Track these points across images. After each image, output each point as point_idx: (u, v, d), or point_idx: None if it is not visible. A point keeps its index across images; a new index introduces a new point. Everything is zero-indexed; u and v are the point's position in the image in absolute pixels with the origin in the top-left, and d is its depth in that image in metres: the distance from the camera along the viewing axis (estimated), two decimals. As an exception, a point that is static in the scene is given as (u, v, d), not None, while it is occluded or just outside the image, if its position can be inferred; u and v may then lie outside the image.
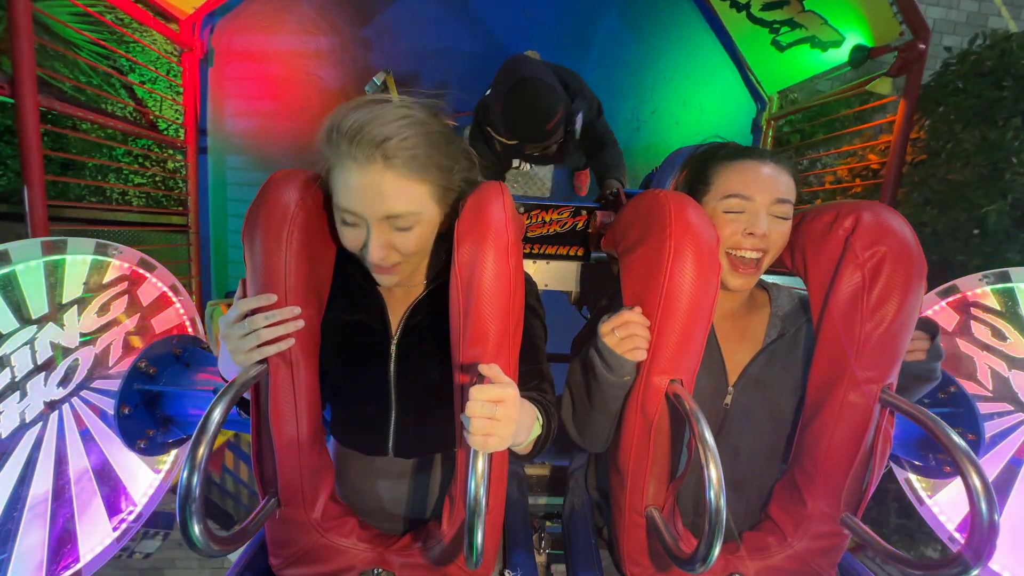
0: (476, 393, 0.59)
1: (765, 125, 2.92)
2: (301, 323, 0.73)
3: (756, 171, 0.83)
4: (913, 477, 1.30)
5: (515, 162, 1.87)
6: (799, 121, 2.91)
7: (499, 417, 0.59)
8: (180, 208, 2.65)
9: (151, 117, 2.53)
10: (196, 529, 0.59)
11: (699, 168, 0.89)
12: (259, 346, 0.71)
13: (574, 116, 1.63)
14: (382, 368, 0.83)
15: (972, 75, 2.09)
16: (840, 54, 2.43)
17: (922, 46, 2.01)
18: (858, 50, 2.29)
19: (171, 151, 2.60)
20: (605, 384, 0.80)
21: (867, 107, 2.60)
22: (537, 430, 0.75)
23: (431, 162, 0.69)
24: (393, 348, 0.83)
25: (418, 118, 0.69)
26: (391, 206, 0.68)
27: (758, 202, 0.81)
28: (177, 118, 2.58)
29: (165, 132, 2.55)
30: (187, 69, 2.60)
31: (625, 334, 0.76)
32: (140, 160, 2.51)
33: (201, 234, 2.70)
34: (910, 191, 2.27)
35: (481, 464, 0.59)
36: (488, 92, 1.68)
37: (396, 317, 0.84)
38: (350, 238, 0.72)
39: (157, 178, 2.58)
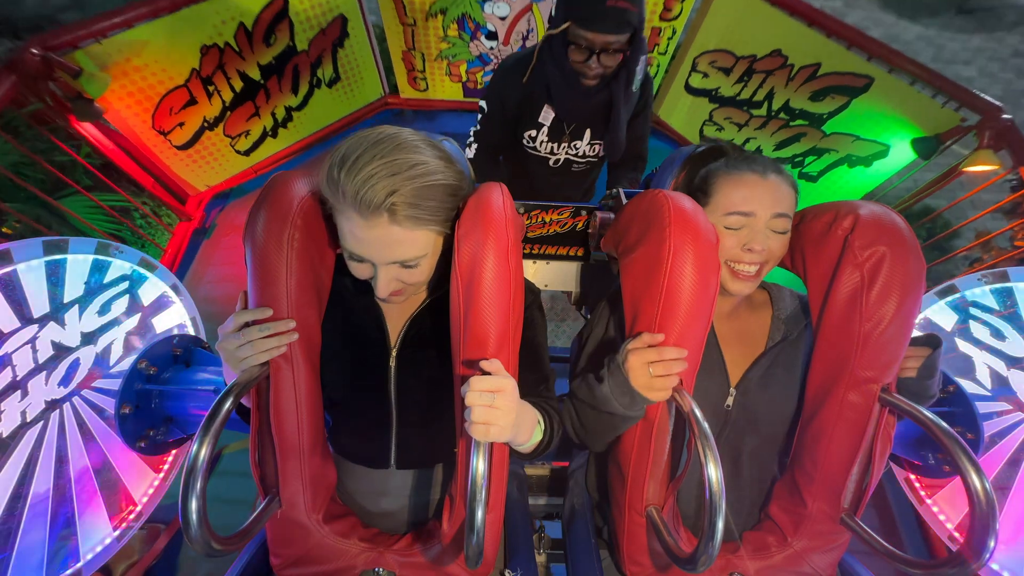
0: (475, 383, 0.60)
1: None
2: (295, 336, 0.73)
3: (757, 185, 0.81)
4: (913, 477, 1.30)
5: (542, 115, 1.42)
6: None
7: (498, 406, 0.60)
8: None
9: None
10: (197, 529, 0.59)
11: (699, 173, 0.88)
12: (253, 355, 0.71)
13: (641, 51, 1.30)
14: (382, 380, 0.82)
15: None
16: (895, 161, 2.31)
17: (1005, 116, 1.86)
18: (924, 142, 2.12)
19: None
20: (618, 417, 0.78)
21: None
22: (539, 435, 0.75)
23: (438, 208, 0.67)
24: (392, 360, 0.82)
25: (429, 167, 0.65)
26: (399, 254, 0.67)
27: (759, 218, 0.80)
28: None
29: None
30: (177, 236, 2.62)
31: (663, 372, 0.72)
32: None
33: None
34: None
35: (481, 462, 0.59)
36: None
37: (395, 328, 0.83)
38: (358, 271, 0.72)
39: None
